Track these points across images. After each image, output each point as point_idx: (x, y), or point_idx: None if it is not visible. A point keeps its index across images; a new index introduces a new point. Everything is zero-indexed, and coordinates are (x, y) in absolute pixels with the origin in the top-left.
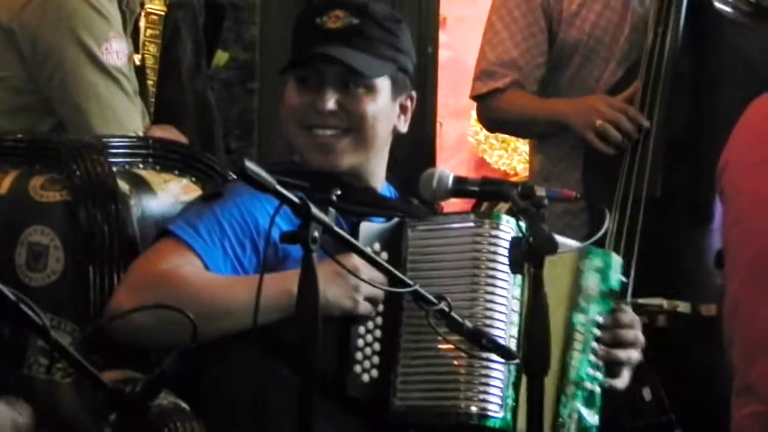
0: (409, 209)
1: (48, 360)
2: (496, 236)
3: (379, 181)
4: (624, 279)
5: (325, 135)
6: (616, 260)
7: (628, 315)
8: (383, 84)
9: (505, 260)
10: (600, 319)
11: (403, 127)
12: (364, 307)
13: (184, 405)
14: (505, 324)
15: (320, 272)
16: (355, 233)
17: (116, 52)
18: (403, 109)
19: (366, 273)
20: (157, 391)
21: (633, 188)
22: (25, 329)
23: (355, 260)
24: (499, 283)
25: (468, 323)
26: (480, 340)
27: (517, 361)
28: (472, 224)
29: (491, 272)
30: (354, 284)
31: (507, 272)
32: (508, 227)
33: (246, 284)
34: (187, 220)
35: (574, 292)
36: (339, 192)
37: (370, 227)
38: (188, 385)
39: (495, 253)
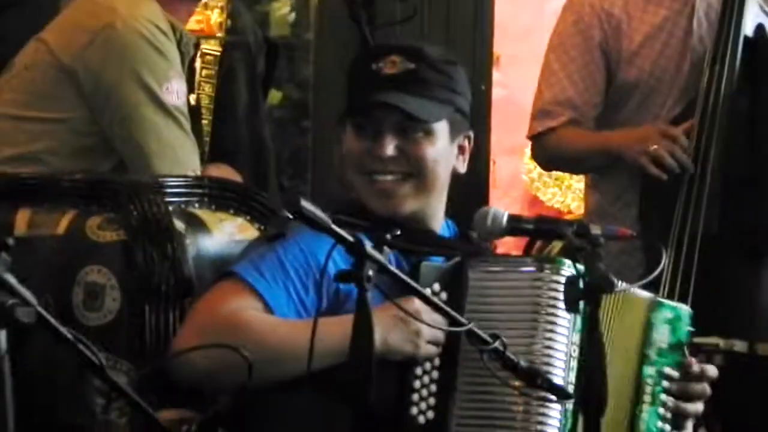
0: (469, 249)
1: (105, 399)
2: (557, 281)
3: (439, 222)
4: (692, 329)
5: (385, 181)
6: (686, 312)
7: (698, 367)
8: (441, 127)
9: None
10: (669, 372)
11: (462, 168)
12: (426, 350)
13: None
14: (564, 368)
15: (381, 317)
16: (415, 273)
17: (176, 91)
18: (461, 149)
19: (427, 316)
20: (212, 431)
21: (689, 225)
22: (82, 369)
23: (417, 304)
24: (558, 328)
25: (523, 362)
26: (535, 380)
27: (572, 400)
28: (533, 269)
29: (551, 317)
30: (416, 329)
31: (567, 317)
32: (570, 271)
33: (308, 329)
34: (251, 261)
35: (645, 345)
36: (398, 232)
37: (430, 267)
38: (243, 426)
39: (555, 298)
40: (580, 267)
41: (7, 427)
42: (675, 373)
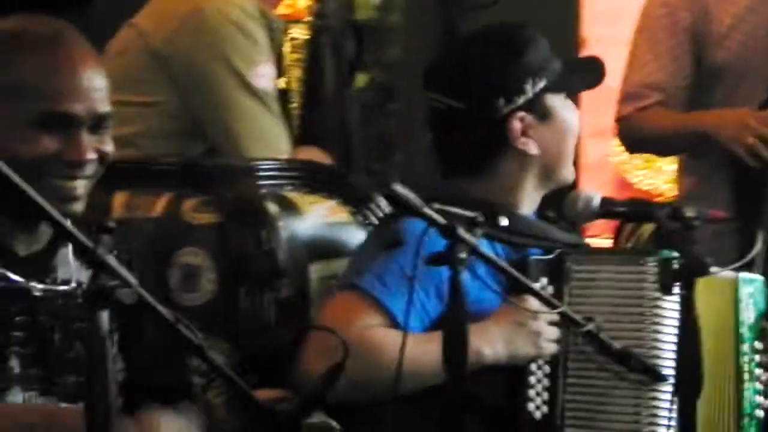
0: (568, 240)
1: (204, 379)
2: (659, 272)
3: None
4: None
5: None
6: (760, 281)
7: None
8: None
9: (671, 299)
10: (758, 345)
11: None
12: (548, 350)
13: (334, 424)
14: (674, 356)
15: (502, 325)
16: (524, 268)
17: (265, 75)
18: None
19: (545, 315)
20: (311, 410)
21: None
22: (182, 349)
23: (533, 303)
24: (665, 320)
25: (616, 344)
26: (629, 362)
27: (668, 382)
28: (637, 264)
29: (656, 309)
30: (536, 330)
31: (673, 307)
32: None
33: (438, 343)
34: (373, 272)
35: (738, 324)
36: (506, 222)
37: (537, 262)
38: (343, 409)
39: (658, 289)
40: (675, 252)
41: (111, 408)
42: (761, 345)
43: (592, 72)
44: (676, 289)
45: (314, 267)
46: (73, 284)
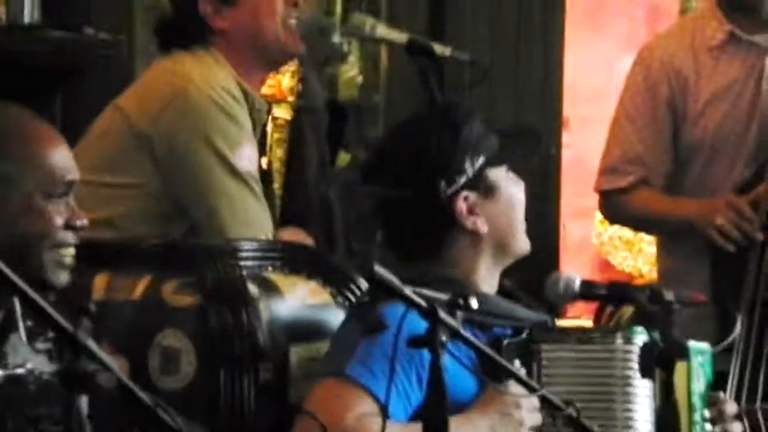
0: (534, 318)
1: None
2: (630, 351)
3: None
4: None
5: None
6: (707, 349)
7: (731, 406)
8: None
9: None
10: (707, 414)
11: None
12: None
13: None
14: None
15: (487, 418)
16: (498, 351)
17: (248, 157)
18: None
19: (528, 403)
20: None
21: (760, 291)
22: None
23: (516, 389)
24: (637, 399)
25: (596, 428)
26: None
27: None
28: (608, 342)
29: (628, 388)
30: (519, 419)
31: (646, 386)
32: (641, 339)
33: None
34: (358, 359)
35: (689, 394)
36: (477, 305)
37: (511, 344)
38: None
39: (630, 368)
40: (654, 334)
41: None
42: (709, 414)
43: (528, 141)
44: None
45: (295, 349)
46: (25, 369)
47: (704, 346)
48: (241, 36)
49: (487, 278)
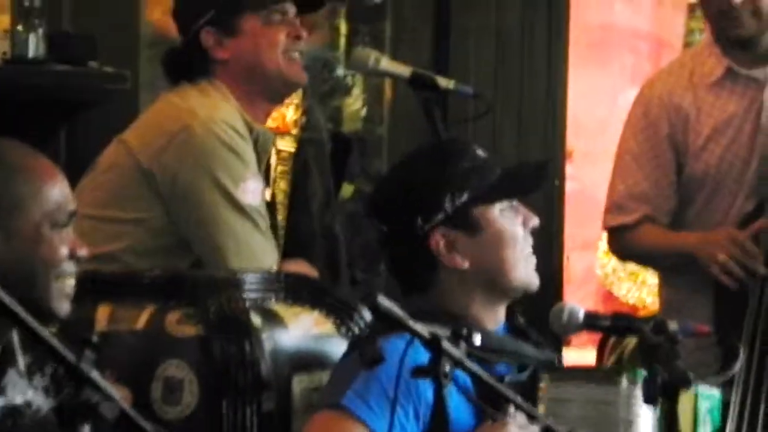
0: (540, 357)
1: None
2: (635, 394)
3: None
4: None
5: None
6: (717, 397)
7: None
8: None
9: (647, 418)
10: None
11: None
12: None
13: None
14: None
15: None
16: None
17: (252, 191)
18: None
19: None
20: None
21: (761, 324)
22: None
23: (520, 419)
24: None
25: None
26: None
27: None
28: (613, 384)
29: (632, 429)
30: None
31: (648, 424)
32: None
33: None
34: (356, 392)
35: None
36: (479, 339)
37: (512, 383)
38: None
39: (635, 412)
40: (657, 366)
41: None
42: None
43: (531, 177)
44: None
45: (297, 379)
46: (23, 402)
47: (714, 392)
48: (243, 67)
49: (486, 314)
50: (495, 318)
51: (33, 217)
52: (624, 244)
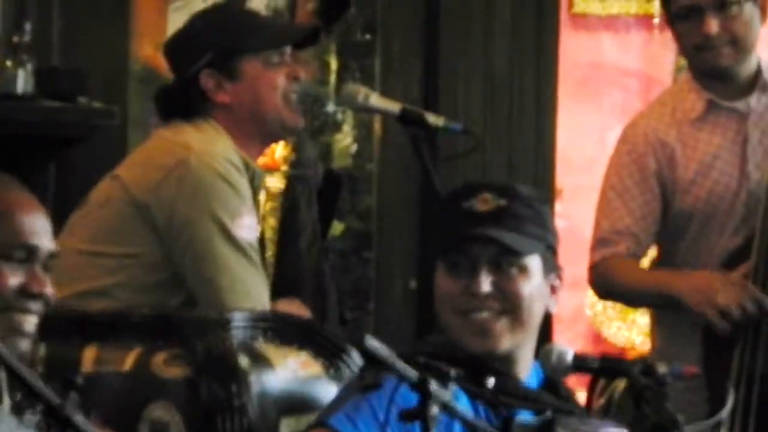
0: (559, 405)
1: None
2: None
3: (528, 363)
4: None
5: (481, 317)
6: None
7: None
8: (535, 263)
9: None
10: None
11: (554, 307)
12: None
13: None
14: None
15: None
16: (507, 431)
17: (248, 227)
18: (552, 288)
19: None
20: None
21: (750, 365)
22: None
23: None
24: None
25: None
26: None
27: None
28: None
29: None
30: None
31: None
32: None
33: None
34: (344, 412)
35: None
36: (492, 382)
37: (521, 427)
38: None
39: None
40: (646, 408)
41: None
42: None
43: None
44: None
45: (285, 421)
46: None
47: None
48: (242, 110)
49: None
50: (529, 365)
51: None
52: (605, 278)
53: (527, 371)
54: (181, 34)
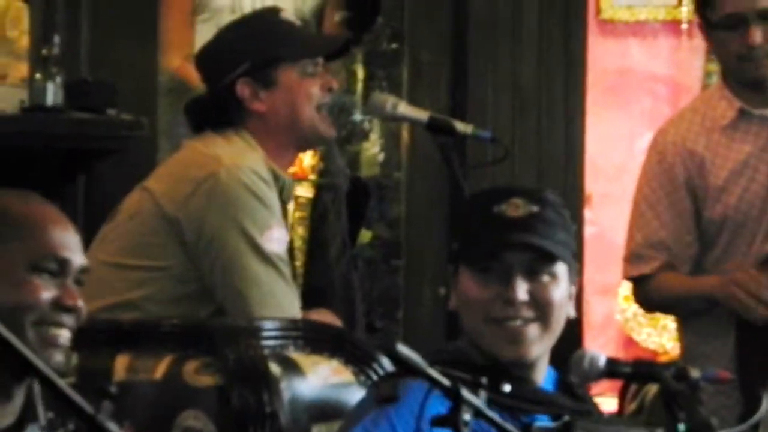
0: (577, 408)
1: None
2: None
3: (545, 367)
4: None
5: (515, 325)
6: None
7: None
8: (563, 270)
9: None
10: None
11: (573, 313)
12: None
13: None
14: None
15: None
16: None
17: (277, 240)
18: (570, 296)
19: None
20: None
21: None
22: None
23: None
24: None
25: None
26: None
27: None
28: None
29: None
30: None
31: None
32: None
33: None
34: (362, 426)
35: None
36: (509, 388)
37: (541, 428)
38: None
39: None
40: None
41: None
42: None
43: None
44: None
45: (317, 428)
46: None
47: None
48: (277, 119)
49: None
50: (544, 369)
51: (10, 256)
52: (646, 296)
53: (543, 375)
54: (216, 43)
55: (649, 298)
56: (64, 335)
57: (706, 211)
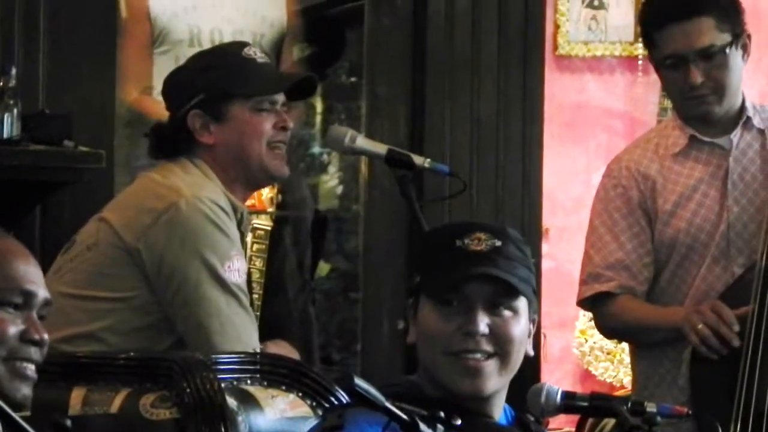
0: None
1: None
2: None
3: (502, 403)
4: None
5: (474, 359)
6: None
7: None
8: (523, 306)
9: None
10: None
11: (531, 350)
12: None
13: None
14: None
15: None
16: None
17: (237, 270)
18: (530, 332)
19: None
20: None
21: (754, 401)
22: None
23: None
24: None
25: None
26: None
27: None
28: None
29: None
30: None
31: None
32: None
33: None
34: None
35: None
36: (459, 422)
37: None
38: None
39: None
40: None
41: None
42: None
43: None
44: None
45: None
46: None
47: None
48: (226, 153)
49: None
50: (501, 404)
51: None
52: (605, 320)
53: (500, 411)
54: (177, 73)
55: (608, 323)
56: (31, 368)
57: (657, 233)
